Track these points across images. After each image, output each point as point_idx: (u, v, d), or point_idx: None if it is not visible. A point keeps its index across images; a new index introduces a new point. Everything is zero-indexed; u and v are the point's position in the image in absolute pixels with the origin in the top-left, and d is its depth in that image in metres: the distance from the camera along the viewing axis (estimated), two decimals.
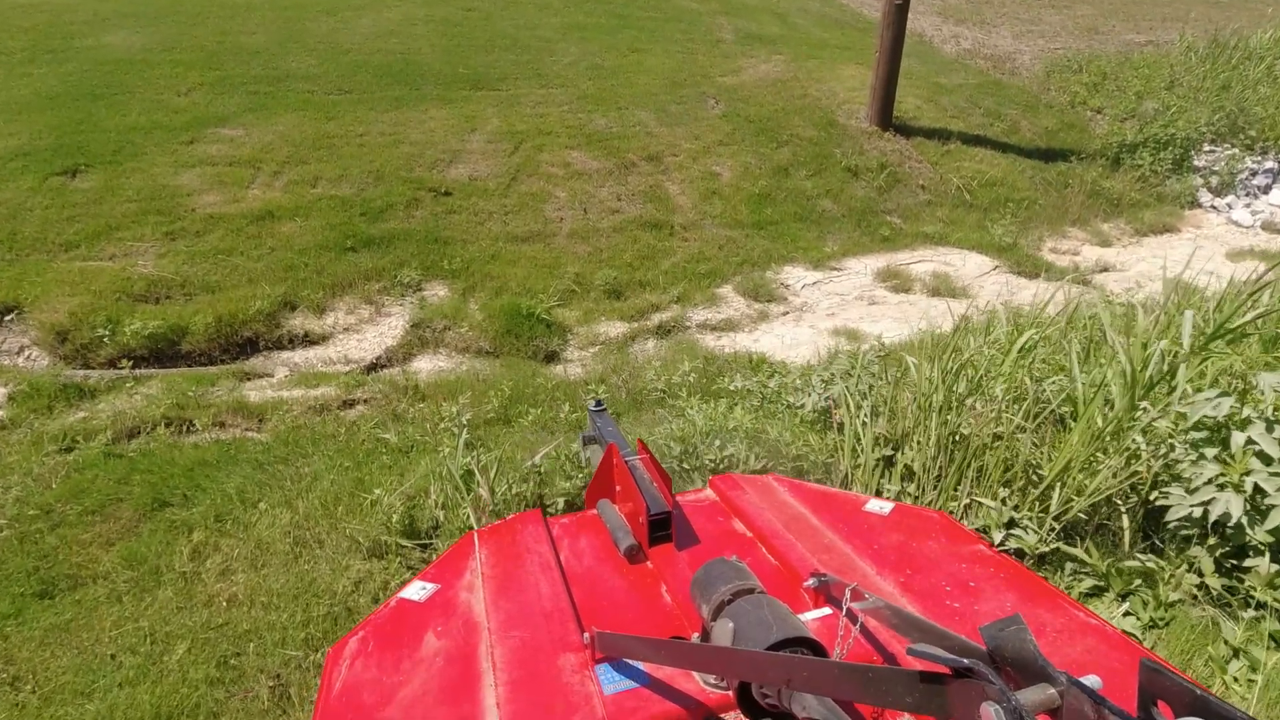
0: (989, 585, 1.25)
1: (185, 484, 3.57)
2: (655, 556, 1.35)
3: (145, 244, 6.57)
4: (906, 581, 1.26)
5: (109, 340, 5.45)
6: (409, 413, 4.67)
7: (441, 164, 8.15)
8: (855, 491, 2.42)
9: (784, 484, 1.62)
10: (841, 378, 3.21)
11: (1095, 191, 9.35)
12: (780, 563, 1.32)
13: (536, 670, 1.08)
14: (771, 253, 7.61)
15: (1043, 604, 1.19)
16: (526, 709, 1.02)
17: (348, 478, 3.51)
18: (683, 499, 1.56)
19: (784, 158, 9.19)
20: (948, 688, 0.68)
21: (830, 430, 3.19)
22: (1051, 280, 7.55)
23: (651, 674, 1.05)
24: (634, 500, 1.39)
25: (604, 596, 1.27)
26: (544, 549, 1.38)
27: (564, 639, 1.14)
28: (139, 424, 4.56)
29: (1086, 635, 1.12)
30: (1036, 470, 2.38)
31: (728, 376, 4.77)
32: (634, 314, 6.44)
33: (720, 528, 1.45)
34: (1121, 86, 11.93)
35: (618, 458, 1.48)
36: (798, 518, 1.45)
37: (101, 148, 7.70)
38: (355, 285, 6.37)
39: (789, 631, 0.91)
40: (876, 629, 1.12)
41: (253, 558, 2.94)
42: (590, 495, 1.60)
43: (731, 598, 1.02)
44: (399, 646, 1.19)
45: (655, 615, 1.22)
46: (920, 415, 2.79)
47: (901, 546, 1.36)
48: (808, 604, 1.21)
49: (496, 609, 1.22)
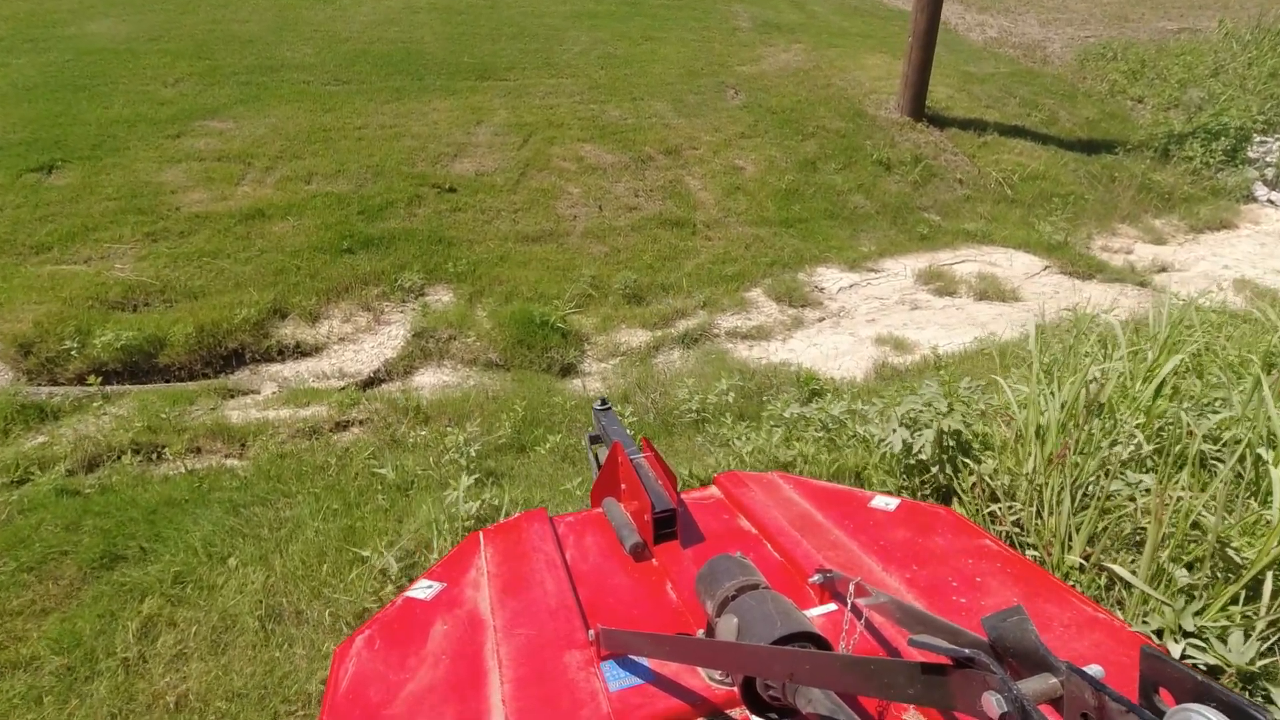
0: (995, 580, 1.24)
1: (145, 532, 3.02)
2: (660, 554, 1.34)
3: (124, 246, 6.03)
4: (912, 577, 1.24)
5: (77, 353, 4.91)
6: (409, 437, 4.11)
7: (445, 158, 7.59)
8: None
9: (789, 481, 1.61)
10: (928, 409, 2.64)
11: (1145, 185, 8.72)
12: (785, 559, 1.32)
13: (542, 667, 1.08)
14: (802, 253, 7.02)
15: (1050, 598, 1.19)
16: (532, 705, 1.01)
17: (336, 525, 2.95)
18: (688, 497, 1.54)
19: (811, 150, 8.60)
20: (949, 678, 0.67)
21: (925, 473, 2.62)
22: (1107, 281, 6.96)
23: (657, 670, 1.05)
24: (639, 498, 1.38)
25: (609, 594, 1.27)
26: (549, 547, 1.37)
27: (569, 636, 1.13)
28: (103, 451, 4.02)
29: (1094, 629, 1.12)
30: (1226, 547, 1.80)
31: (774, 396, 4.19)
32: (657, 320, 5.87)
33: (725, 525, 1.45)
34: (1162, 74, 11.30)
35: (623, 456, 1.47)
36: (803, 515, 1.44)
37: (80, 142, 7.16)
38: (352, 290, 5.81)
39: (793, 626, 0.90)
40: (882, 624, 1.11)
41: (214, 637, 2.39)
42: (595, 494, 1.60)
43: (736, 593, 1.01)
44: (405, 644, 1.18)
45: (660, 612, 1.22)
46: (1041, 462, 2.22)
47: (908, 542, 1.35)
48: (813, 600, 1.20)
49: (502, 607, 1.22)
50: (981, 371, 4.65)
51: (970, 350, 5.23)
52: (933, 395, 2.61)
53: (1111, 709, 0.60)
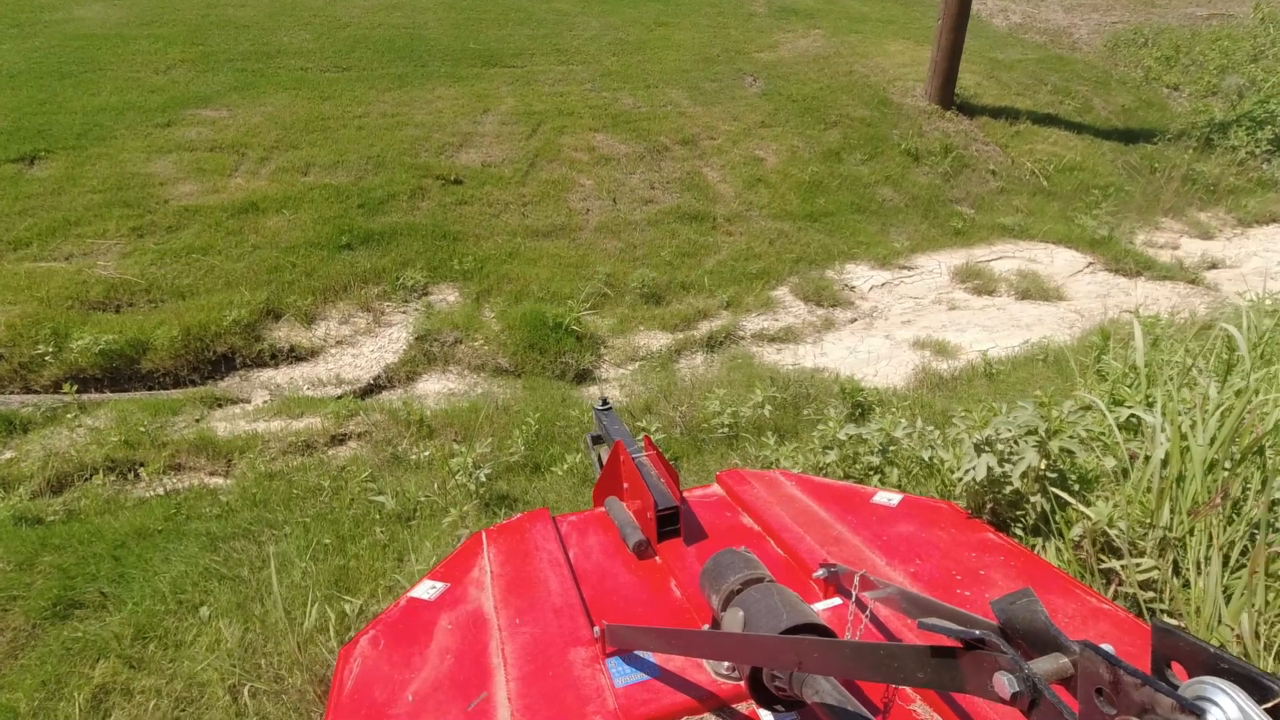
0: (999, 573, 1.23)
1: (108, 571, 2.64)
2: (664, 552, 1.33)
3: (108, 241, 5.64)
4: (916, 571, 1.23)
5: (52, 358, 4.53)
6: (411, 454, 3.72)
7: (450, 148, 7.18)
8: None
9: (791, 478, 1.60)
10: (1021, 435, 2.23)
11: (1187, 177, 8.25)
12: (789, 556, 1.30)
13: (547, 664, 1.06)
14: (830, 248, 6.59)
15: (1055, 590, 1.19)
16: (538, 703, 0.99)
17: (326, 567, 2.56)
18: (690, 495, 1.53)
19: (834, 140, 8.16)
20: (960, 660, 0.66)
21: (1017, 508, 2.22)
22: (1156, 279, 6.52)
23: (663, 666, 1.04)
24: (641, 496, 1.37)
25: (613, 592, 1.26)
26: (552, 546, 1.36)
27: (574, 634, 1.12)
28: (74, 470, 3.64)
29: (1099, 619, 1.11)
30: None
31: (815, 408, 3.79)
32: (678, 322, 5.46)
33: (728, 522, 1.43)
34: (1198, 61, 10.81)
35: (624, 455, 1.45)
36: (806, 511, 1.43)
37: (65, 131, 6.78)
38: (350, 289, 5.42)
39: (799, 618, 0.88)
40: (887, 618, 1.10)
41: (176, 713, 2.00)
42: (598, 493, 1.59)
43: (741, 587, 0.99)
44: (410, 644, 1.17)
45: (664, 609, 1.21)
46: (1181, 511, 1.82)
47: (911, 537, 1.34)
48: (817, 595, 1.19)
49: (506, 605, 1.21)
50: (1039, 381, 4.23)
51: (1022, 355, 4.81)
52: (1029, 418, 2.19)
53: (1126, 682, 0.57)
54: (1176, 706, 0.53)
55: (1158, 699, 0.54)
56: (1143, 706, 0.55)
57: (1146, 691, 0.55)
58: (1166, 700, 0.54)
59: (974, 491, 2.36)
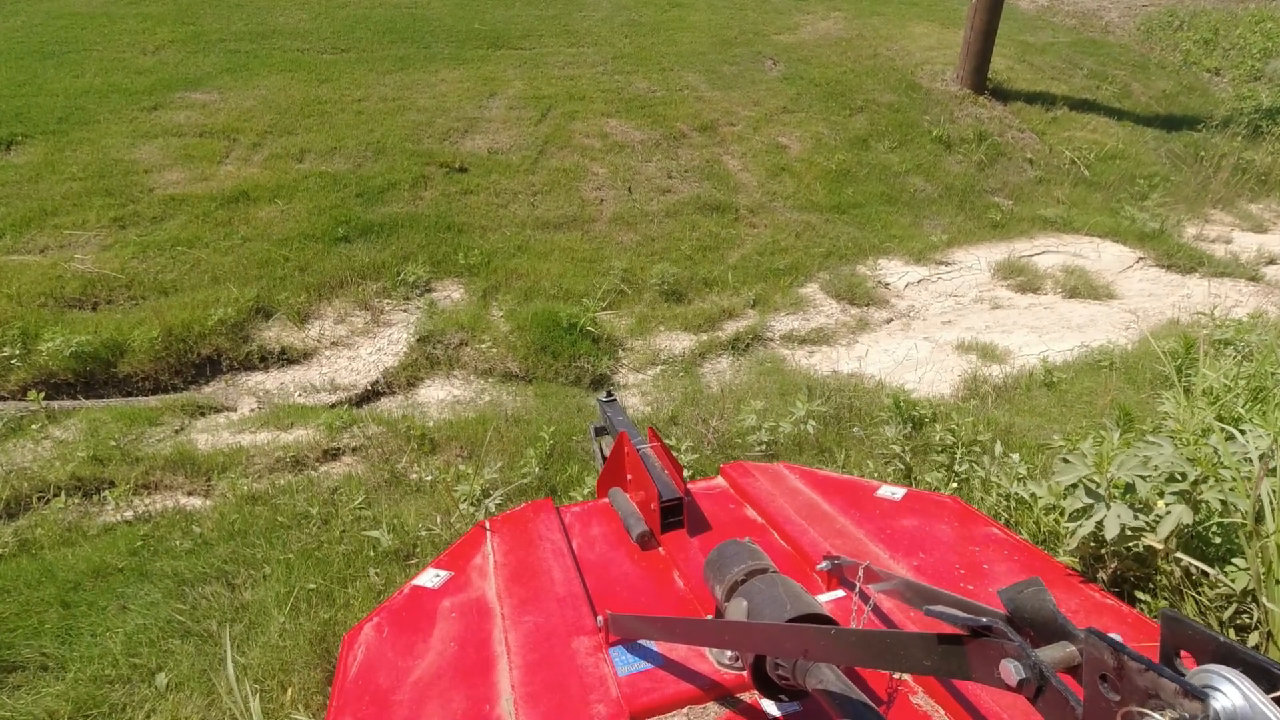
0: (1003, 567, 1.23)
1: (54, 624, 2.25)
2: (667, 543, 1.32)
3: (87, 233, 5.24)
4: (920, 564, 1.23)
5: (20, 361, 4.14)
6: (411, 473, 3.32)
7: (455, 134, 6.75)
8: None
9: (795, 471, 1.58)
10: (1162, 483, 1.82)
11: (1237, 166, 7.77)
12: (793, 548, 1.29)
13: (551, 653, 1.06)
14: (861, 242, 6.15)
15: (1058, 584, 1.18)
16: (541, 691, 0.99)
17: (310, 622, 2.17)
18: (694, 487, 1.52)
19: (861, 127, 7.69)
20: (966, 648, 0.65)
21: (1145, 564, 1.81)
22: (1213, 276, 6.06)
23: (666, 655, 1.04)
24: (645, 488, 1.37)
25: (617, 582, 1.25)
26: (556, 536, 1.35)
27: (578, 623, 1.11)
28: (34, 490, 3.25)
29: (1103, 615, 1.11)
30: None
31: (864, 424, 3.37)
32: (701, 322, 5.04)
33: (732, 515, 1.43)
34: (1238, 45, 10.28)
35: (629, 446, 1.44)
36: (809, 504, 1.42)
37: (45, 115, 6.37)
38: (347, 285, 5.01)
39: (804, 608, 0.88)
40: (890, 610, 1.09)
41: None
42: (602, 484, 1.58)
43: (745, 577, 0.98)
44: (413, 631, 1.16)
45: (668, 600, 1.20)
46: None
47: (914, 531, 1.33)
48: (821, 587, 1.19)
49: (510, 595, 1.20)
50: (1109, 391, 3.81)
51: (1082, 362, 4.38)
52: (1168, 460, 1.77)
53: (1131, 669, 0.56)
54: (1180, 692, 0.51)
55: (1161, 684, 0.53)
56: (1147, 693, 0.54)
57: (1150, 677, 0.54)
58: (1170, 685, 0.52)
59: (1089, 548, 1.95)
